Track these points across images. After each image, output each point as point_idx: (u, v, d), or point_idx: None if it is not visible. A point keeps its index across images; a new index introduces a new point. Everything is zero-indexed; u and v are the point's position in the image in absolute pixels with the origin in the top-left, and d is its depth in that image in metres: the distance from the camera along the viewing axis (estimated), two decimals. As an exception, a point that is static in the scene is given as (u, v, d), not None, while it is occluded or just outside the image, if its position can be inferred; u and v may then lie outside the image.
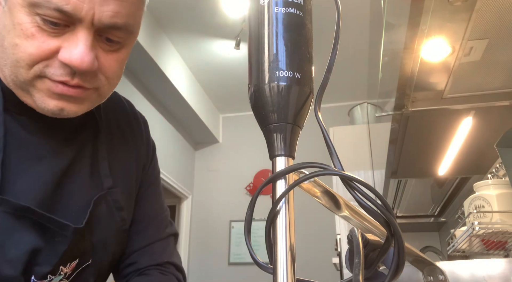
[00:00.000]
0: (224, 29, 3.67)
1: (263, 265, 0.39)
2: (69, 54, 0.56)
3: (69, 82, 0.58)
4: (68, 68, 0.57)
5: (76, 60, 0.55)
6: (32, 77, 0.57)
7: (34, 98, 0.59)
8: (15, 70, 0.57)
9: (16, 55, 0.56)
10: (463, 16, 1.07)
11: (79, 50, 0.56)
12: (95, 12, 0.56)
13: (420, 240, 3.33)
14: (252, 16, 0.42)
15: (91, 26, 0.56)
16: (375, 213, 0.35)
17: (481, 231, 1.32)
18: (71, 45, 0.56)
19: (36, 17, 0.54)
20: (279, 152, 0.38)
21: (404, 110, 1.45)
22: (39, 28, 0.55)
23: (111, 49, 0.61)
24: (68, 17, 0.55)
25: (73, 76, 0.58)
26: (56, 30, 0.56)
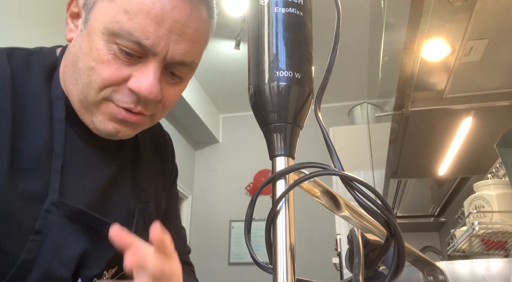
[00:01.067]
0: (224, 29, 3.67)
1: (263, 265, 0.39)
2: (139, 83, 0.60)
3: (133, 109, 0.62)
4: (134, 96, 0.61)
5: (146, 90, 0.60)
6: (100, 99, 0.61)
7: (95, 119, 0.63)
8: (86, 91, 0.61)
9: (90, 77, 0.60)
10: (463, 16, 1.07)
11: (149, 81, 0.60)
12: (169, 49, 0.60)
13: (420, 240, 3.33)
14: (252, 16, 0.42)
15: (163, 60, 0.61)
16: (375, 213, 0.35)
17: (481, 231, 1.32)
18: (141, 75, 0.60)
19: (114, 45, 0.59)
20: (279, 152, 0.38)
21: (404, 110, 1.45)
22: (114, 56, 0.59)
23: (173, 82, 0.65)
24: (144, 50, 0.59)
25: (137, 103, 0.62)
26: (130, 60, 0.60)
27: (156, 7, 0.58)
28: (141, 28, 0.57)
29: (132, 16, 0.57)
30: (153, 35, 0.58)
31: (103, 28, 0.59)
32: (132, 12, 0.57)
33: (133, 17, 0.57)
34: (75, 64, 0.62)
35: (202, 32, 0.64)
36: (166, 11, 0.58)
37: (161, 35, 0.58)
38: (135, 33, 0.57)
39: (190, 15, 0.61)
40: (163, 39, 0.59)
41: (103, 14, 0.59)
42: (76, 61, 0.62)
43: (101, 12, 0.59)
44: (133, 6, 0.57)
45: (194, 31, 0.62)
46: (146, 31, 0.57)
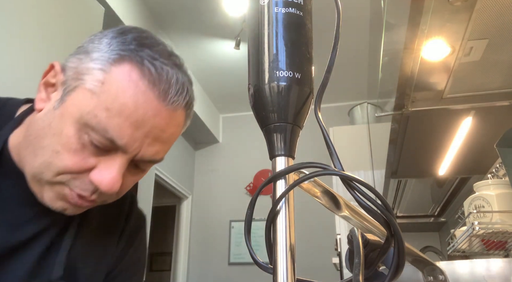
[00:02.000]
0: (224, 29, 3.67)
1: (263, 265, 0.39)
2: (102, 177, 0.57)
3: (86, 198, 0.59)
4: (93, 186, 0.58)
5: (107, 185, 0.57)
6: (56, 181, 0.58)
7: (43, 194, 0.60)
8: (43, 169, 0.58)
9: (52, 160, 0.57)
10: (463, 16, 1.07)
11: (112, 176, 0.58)
12: (141, 150, 0.59)
13: (420, 240, 3.33)
14: (252, 16, 0.42)
15: (131, 158, 0.59)
16: (375, 213, 0.35)
17: (481, 231, 1.32)
18: (106, 169, 0.58)
19: (85, 136, 0.56)
20: (279, 152, 0.38)
21: (404, 110, 1.45)
22: (83, 146, 0.57)
23: (135, 172, 0.63)
24: (116, 148, 0.57)
25: (93, 193, 0.59)
26: (95, 152, 0.58)
27: (138, 112, 0.56)
28: (118, 128, 0.55)
29: (112, 115, 0.55)
30: (128, 136, 0.56)
31: (79, 116, 0.56)
32: (112, 111, 0.55)
33: (113, 116, 0.55)
34: (39, 138, 0.58)
35: (177, 135, 0.63)
36: (147, 117, 0.57)
37: (137, 138, 0.57)
38: (110, 132, 0.55)
39: (169, 121, 0.59)
40: (137, 141, 0.57)
41: (82, 103, 0.56)
42: (42, 136, 0.58)
43: (81, 100, 0.57)
44: (115, 106, 0.55)
45: (170, 135, 0.61)
46: (123, 132, 0.56)
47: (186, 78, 0.62)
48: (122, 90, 0.56)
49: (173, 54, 0.63)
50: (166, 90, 0.58)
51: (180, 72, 0.61)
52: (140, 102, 0.56)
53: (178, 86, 0.59)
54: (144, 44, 0.60)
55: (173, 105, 0.59)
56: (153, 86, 0.57)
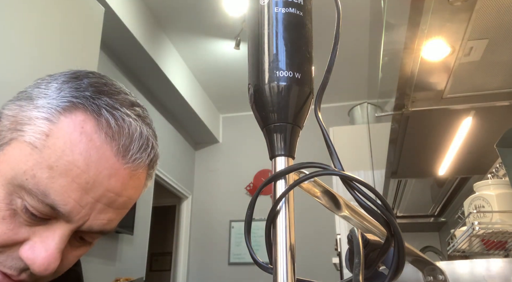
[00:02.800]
0: (224, 29, 3.67)
1: (263, 265, 0.39)
2: (35, 254, 0.46)
3: (13, 277, 0.47)
4: (23, 264, 0.47)
5: (41, 264, 0.46)
6: None
7: None
8: None
9: None
10: (463, 16, 1.07)
11: (48, 253, 0.46)
12: (89, 218, 0.48)
13: (420, 240, 3.33)
14: (252, 16, 0.42)
15: (75, 228, 0.48)
16: (375, 213, 0.35)
17: (481, 231, 1.32)
18: (41, 243, 0.46)
19: (18, 200, 0.45)
20: (279, 152, 0.38)
21: (404, 110, 1.45)
22: (13, 212, 0.46)
23: (79, 246, 0.52)
24: (57, 216, 0.46)
25: (22, 271, 0.47)
26: (32, 221, 0.46)
27: (89, 172, 0.46)
28: (62, 191, 0.45)
29: (56, 175, 0.45)
30: (74, 201, 0.46)
31: (11, 176, 0.45)
32: (57, 170, 0.45)
33: (57, 176, 0.45)
34: None
35: (134, 199, 0.52)
36: (101, 178, 0.47)
37: (85, 204, 0.47)
38: (52, 196, 0.45)
39: (127, 183, 0.50)
40: (85, 207, 0.47)
41: (19, 160, 0.46)
42: None
43: (17, 156, 0.46)
44: (60, 164, 0.45)
45: (126, 200, 0.51)
46: (67, 197, 0.45)
47: (151, 131, 0.53)
48: (71, 144, 0.46)
49: (136, 103, 0.54)
50: (127, 146, 0.49)
51: (144, 125, 0.52)
52: (93, 159, 0.46)
53: (142, 141, 0.50)
54: (102, 91, 0.50)
55: (134, 164, 0.49)
56: (111, 141, 0.47)
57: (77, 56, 1.73)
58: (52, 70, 0.72)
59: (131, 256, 3.65)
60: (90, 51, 1.82)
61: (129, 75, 3.67)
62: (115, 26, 3.05)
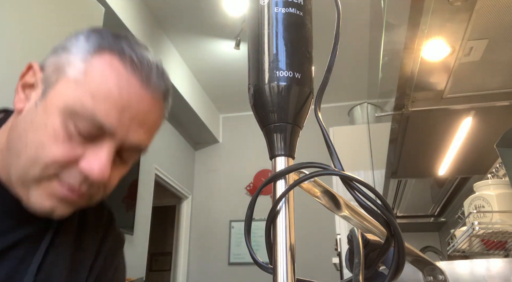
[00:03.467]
0: (224, 29, 3.67)
1: (263, 265, 0.39)
2: (91, 165, 0.56)
3: (76, 189, 0.58)
4: (82, 177, 0.57)
5: (98, 173, 0.56)
6: (43, 176, 0.57)
7: (30, 195, 0.58)
8: (29, 166, 0.56)
9: (38, 154, 0.56)
10: (463, 16, 1.07)
11: (101, 163, 0.57)
12: (128, 134, 0.58)
13: (420, 240, 3.33)
14: (252, 16, 0.42)
15: (119, 143, 0.58)
16: (375, 213, 0.35)
17: (481, 231, 1.32)
18: (94, 156, 0.57)
19: (71, 125, 0.56)
20: (279, 152, 0.38)
21: (404, 110, 1.45)
22: (69, 136, 0.56)
23: (120, 164, 0.63)
24: (103, 132, 0.57)
25: (83, 184, 0.58)
26: (81, 141, 0.57)
27: (123, 97, 0.57)
28: (105, 113, 0.56)
29: (98, 101, 0.56)
30: (115, 120, 0.56)
31: (63, 106, 0.56)
32: (98, 97, 0.56)
33: (99, 101, 0.56)
34: (21, 137, 0.58)
35: (159, 124, 0.64)
36: (132, 102, 0.58)
37: (123, 122, 0.57)
38: (98, 117, 0.55)
39: (152, 107, 0.61)
40: (124, 125, 0.57)
41: (67, 93, 0.57)
42: (24, 134, 0.58)
43: (65, 90, 0.57)
44: (100, 92, 0.56)
45: (153, 122, 0.62)
46: (110, 117, 0.56)
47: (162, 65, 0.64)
48: (105, 78, 0.57)
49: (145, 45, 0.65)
50: (149, 75, 0.59)
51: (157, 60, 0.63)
52: (124, 88, 0.57)
53: (159, 72, 0.62)
54: (120, 37, 0.62)
55: (155, 90, 0.60)
56: (135, 72, 0.58)
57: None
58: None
59: (131, 256, 3.65)
60: (90, 51, 1.81)
61: (129, 75, 3.67)
62: (115, 26, 3.05)
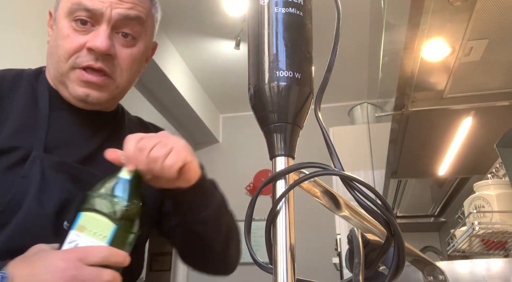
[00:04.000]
0: (224, 29, 3.67)
1: (263, 265, 0.39)
2: (93, 42, 0.74)
3: (93, 66, 0.75)
4: (92, 54, 0.75)
5: (100, 45, 0.73)
6: (68, 68, 0.75)
7: (69, 89, 0.76)
8: (57, 65, 0.76)
9: (58, 52, 0.76)
10: (463, 16, 1.07)
11: (100, 38, 0.74)
12: (112, 8, 0.75)
13: (420, 240, 3.33)
14: (252, 16, 0.42)
15: (109, 20, 0.75)
16: (375, 213, 0.35)
17: (481, 231, 1.32)
18: (95, 36, 0.74)
19: (72, 22, 0.75)
20: (279, 152, 0.38)
21: (404, 110, 1.45)
22: (73, 30, 0.75)
23: (126, 43, 0.78)
24: (93, 14, 0.75)
25: (96, 61, 0.75)
26: (84, 29, 0.75)
27: None
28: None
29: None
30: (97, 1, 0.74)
31: (66, 12, 0.75)
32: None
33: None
34: (52, 52, 0.78)
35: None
36: None
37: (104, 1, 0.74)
38: (83, 2, 0.74)
39: None
40: (106, 3, 0.74)
41: (64, 5, 0.76)
42: (51, 51, 0.78)
43: (63, 4, 0.77)
44: None
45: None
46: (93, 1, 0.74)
47: None
48: None
49: None
50: None
51: None
52: None
53: None
54: None
55: None
56: None
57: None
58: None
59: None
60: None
61: (129, 75, 3.67)
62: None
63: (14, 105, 0.76)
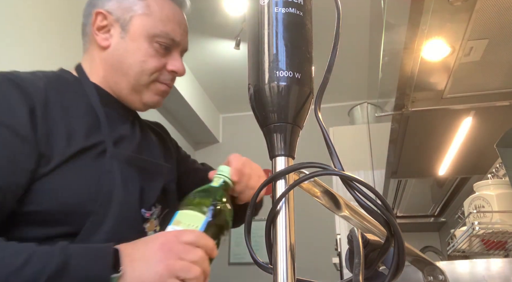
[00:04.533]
0: (224, 29, 3.67)
1: (263, 265, 0.39)
2: (175, 66, 0.91)
3: (169, 84, 0.92)
4: (171, 75, 0.92)
5: (182, 69, 0.91)
6: (150, 81, 0.89)
7: (143, 96, 0.90)
8: (139, 78, 0.88)
9: (143, 68, 0.87)
10: (463, 16, 1.07)
11: (180, 63, 0.92)
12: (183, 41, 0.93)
13: (420, 240, 3.33)
14: (252, 16, 0.42)
15: (181, 48, 0.93)
16: (375, 213, 0.35)
17: (481, 231, 1.32)
18: (174, 61, 0.91)
19: (155, 44, 0.87)
20: (279, 152, 0.38)
21: (404, 110, 1.45)
22: (155, 51, 0.88)
23: None
24: (173, 43, 0.90)
25: (172, 79, 0.92)
26: (164, 52, 0.89)
27: (176, 17, 0.90)
28: (172, 29, 0.89)
29: (166, 23, 0.88)
30: (178, 33, 0.90)
31: (146, 33, 0.86)
32: (165, 20, 0.88)
33: (167, 23, 0.88)
34: (122, 62, 0.87)
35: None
36: (179, 19, 0.91)
37: (181, 33, 0.91)
38: (170, 33, 0.88)
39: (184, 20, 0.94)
40: (182, 35, 0.91)
41: (144, 24, 0.87)
42: (123, 60, 0.87)
43: (142, 23, 0.87)
44: (164, 17, 0.88)
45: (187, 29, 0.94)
46: (176, 31, 0.89)
47: None
48: (162, 8, 0.88)
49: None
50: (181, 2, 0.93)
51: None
52: (174, 11, 0.90)
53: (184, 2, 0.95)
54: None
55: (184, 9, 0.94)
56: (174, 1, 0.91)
57: (77, 55, 1.73)
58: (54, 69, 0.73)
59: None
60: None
61: (129, 75, 3.67)
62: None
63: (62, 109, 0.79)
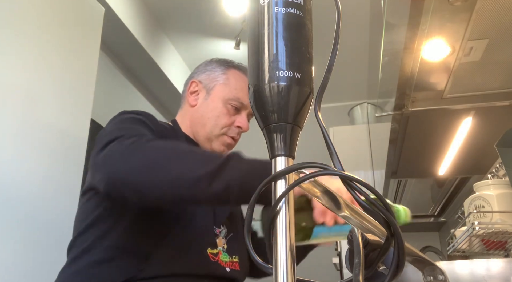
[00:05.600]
0: (224, 29, 3.67)
1: (263, 265, 0.39)
2: (240, 123, 1.10)
3: (235, 137, 1.12)
4: (238, 130, 1.11)
5: (247, 127, 1.12)
6: (220, 133, 1.10)
7: (213, 144, 1.10)
8: (213, 129, 1.09)
9: (217, 122, 1.09)
10: (463, 16, 1.07)
11: (245, 121, 1.12)
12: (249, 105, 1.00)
13: (420, 240, 3.33)
14: (252, 16, 0.42)
15: (248, 111, 1.12)
16: (375, 213, 0.35)
17: (481, 231, 1.32)
18: (242, 119, 1.11)
19: (228, 105, 1.10)
20: (279, 152, 0.38)
21: (404, 110, 1.45)
22: (228, 111, 1.10)
23: None
24: (242, 105, 1.11)
25: (237, 134, 1.12)
26: (234, 113, 1.11)
27: (244, 86, 1.10)
28: (242, 96, 1.10)
29: (239, 91, 1.11)
30: (246, 99, 1.07)
31: (223, 97, 1.11)
32: (238, 89, 1.11)
33: (239, 91, 1.11)
34: (204, 117, 1.11)
35: None
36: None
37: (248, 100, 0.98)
38: (240, 98, 1.11)
39: None
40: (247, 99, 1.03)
41: (222, 90, 1.12)
42: (205, 115, 1.11)
43: (221, 89, 1.12)
44: (238, 86, 1.12)
45: None
46: (245, 98, 1.10)
47: None
48: (237, 79, 1.13)
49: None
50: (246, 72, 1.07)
51: None
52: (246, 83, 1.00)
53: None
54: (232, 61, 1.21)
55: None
56: (244, 74, 1.14)
57: (77, 56, 1.73)
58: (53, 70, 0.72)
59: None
60: (90, 51, 1.82)
61: (129, 75, 3.67)
62: (115, 26, 3.05)
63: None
